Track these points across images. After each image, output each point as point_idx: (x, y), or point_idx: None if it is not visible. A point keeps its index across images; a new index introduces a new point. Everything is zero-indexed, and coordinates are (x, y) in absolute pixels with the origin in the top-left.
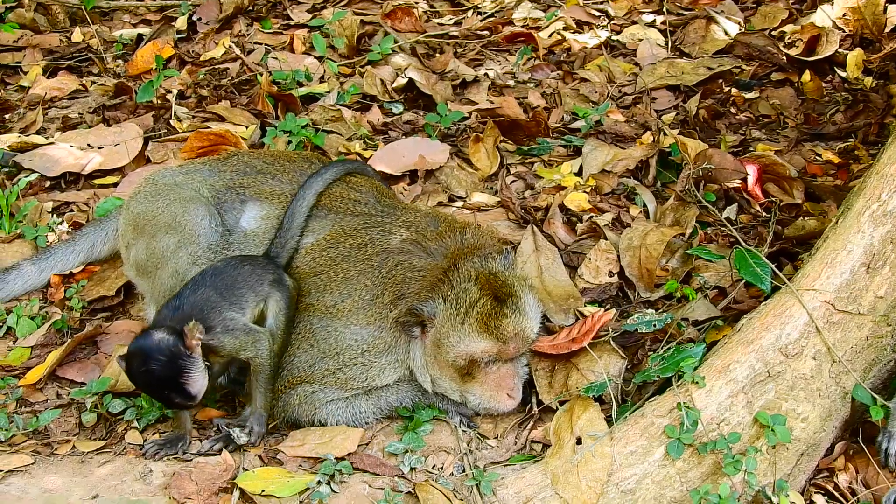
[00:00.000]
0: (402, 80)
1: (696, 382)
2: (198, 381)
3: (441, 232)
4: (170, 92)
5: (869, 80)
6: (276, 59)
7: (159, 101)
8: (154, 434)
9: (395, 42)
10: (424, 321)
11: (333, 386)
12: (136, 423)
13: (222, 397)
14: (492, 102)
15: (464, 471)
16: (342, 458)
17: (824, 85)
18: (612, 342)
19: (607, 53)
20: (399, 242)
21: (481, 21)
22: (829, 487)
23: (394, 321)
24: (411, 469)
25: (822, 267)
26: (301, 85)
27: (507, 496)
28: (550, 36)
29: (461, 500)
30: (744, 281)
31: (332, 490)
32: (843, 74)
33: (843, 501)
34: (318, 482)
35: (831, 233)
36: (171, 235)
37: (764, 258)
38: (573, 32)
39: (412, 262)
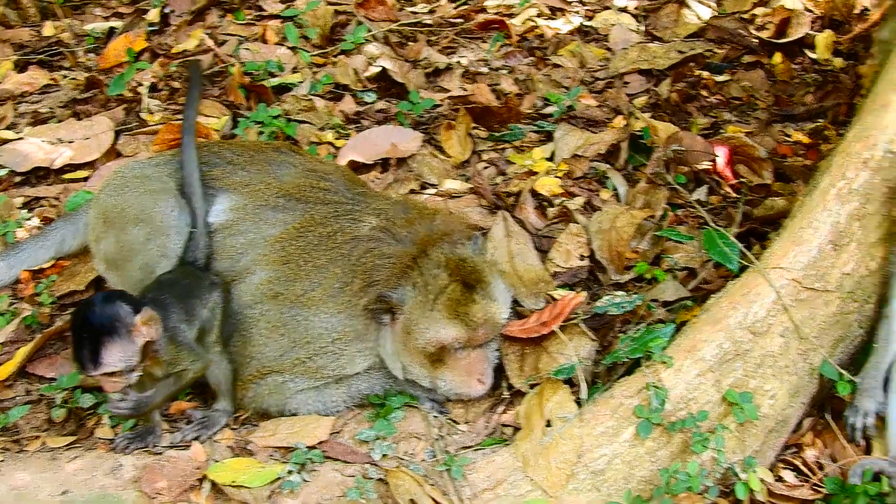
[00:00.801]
0: (374, 69)
1: (665, 362)
2: (115, 356)
3: (411, 219)
4: (141, 85)
5: (839, 62)
6: (249, 49)
7: (131, 95)
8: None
9: (369, 31)
10: (394, 308)
11: (304, 375)
12: (106, 419)
13: (192, 390)
14: (464, 90)
15: (435, 456)
16: (313, 447)
17: (794, 67)
18: (582, 325)
19: (580, 39)
20: (369, 230)
21: (454, 9)
22: (798, 463)
23: (363, 309)
24: (382, 456)
25: (790, 245)
26: (273, 75)
27: (477, 480)
28: (523, 22)
29: (432, 485)
30: (713, 261)
31: (304, 479)
32: (814, 56)
33: (812, 476)
34: (290, 471)
35: (798, 211)
36: (140, 228)
37: (732, 238)
38: (546, 19)
39: (382, 249)
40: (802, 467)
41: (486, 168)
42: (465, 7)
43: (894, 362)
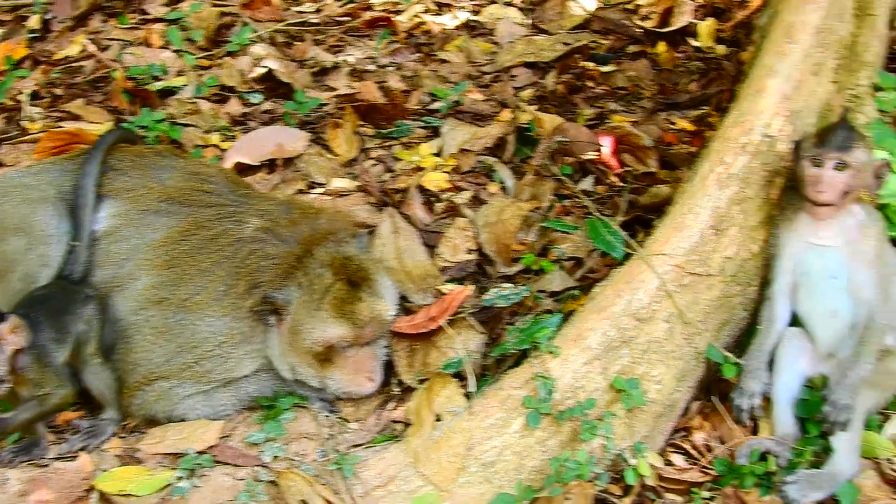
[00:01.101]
0: (260, 70)
1: (552, 352)
2: None
3: (294, 219)
4: (21, 93)
5: (721, 49)
6: (133, 54)
7: (12, 103)
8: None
9: (254, 32)
10: (280, 309)
11: (191, 380)
12: None
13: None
14: (351, 88)
15: (326, 455)
16: (203, 452)
17: (678, 55)
18: (470, 318)
19: (467, 34)
20: (252, 231)
21: (341, 7)
22: (687, 446)
23: (249, 311)
24: (273, 458)
25: (671, 231)
26: (158, 79)
27: (369, 477)
28: (410, 19)
29: (323, 484)
30: (599, 250)
31: (194, 484)
32: (697, 44)
33: (701, 458)
34: (179, 477)
35: (679, 198)
36: (19, 238)
37: (615, 226)
38: (433, 15)
39: (266, 250)
40: (691, 450)
41: (373, 165)
42: (352, 5)
43: (778, 343)
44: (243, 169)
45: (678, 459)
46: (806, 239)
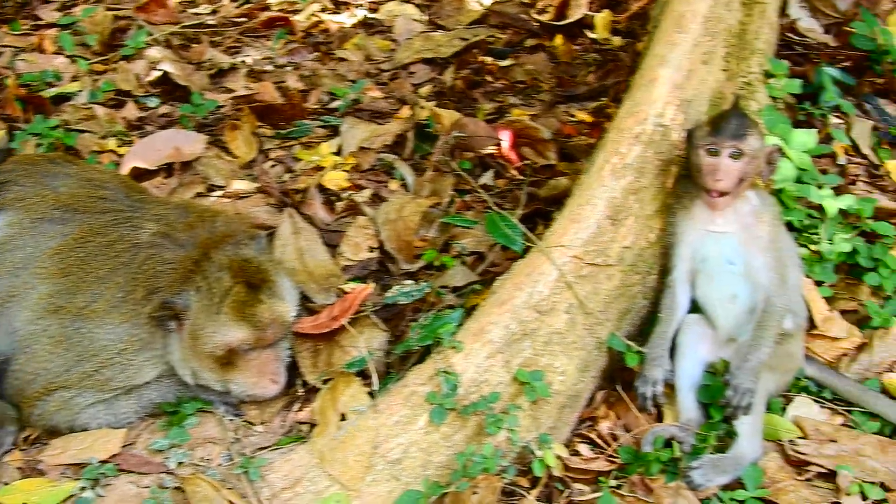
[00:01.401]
0: (157, 74)
1: (455, 347)
2: None
3: (191, 222)
4: None
5: (617, 40)
6: (25, 60)
7: None
8: None
9: (150, 35)
10: (179, 314)
11: (92, 389)
12: None
13: None
14: (249, 89)
15: (231, 460)
16: (106, 461)
17: (575, 48)
18: (372, 316)
19: (364, 32)
20: (149, 236)
21: (237, 8)
22: (593, 436)
23: (148, 317)
24: (178, 464)
25: (569, 223)
26: (51, 85)
27: (276, 480)
28: (307, 18)
29: (230, 489)
30: (501, 244)
31: (98, 494)
32: (593, 36)
33: (606, 447)
34: (82, 488)
35: (577, 189)
36: None
37: (514, 220)
38: (330, 13)
39: (163, 255)
40: (597, 440)
41: (273, 166)
42: (249, 6)
43: (679, 330)
44: (140, 174)
45: (584, 449)
46: (702, 226)
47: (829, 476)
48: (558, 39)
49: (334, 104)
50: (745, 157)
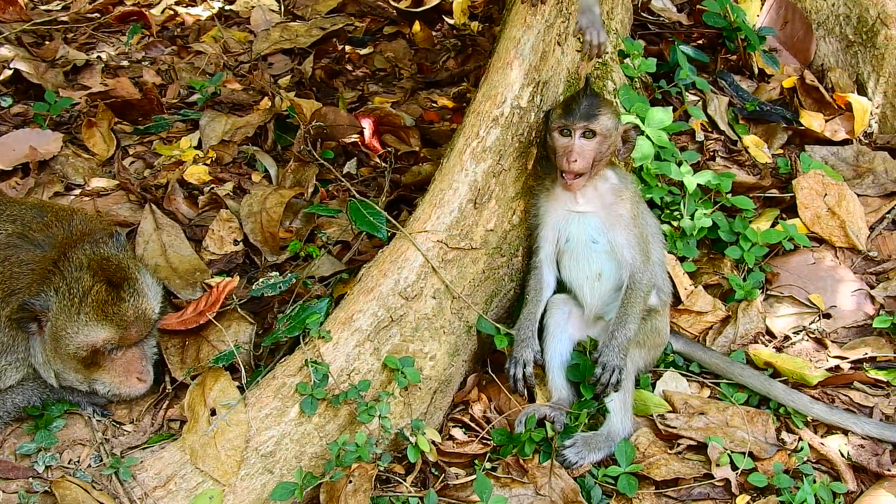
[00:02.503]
0: (8, 72)
1: (323, 337)
2: None
3: (47, 222)
4: None
5: (475, 25)
6: None
7: None
8: None
9: (0, 33)
10: (39, 316)
11: None
12: None
13: None
14: (105, 85)
15: (101, 460)
16: None
17: (435, 33)
18: (239, 310)
19: (221, 24)
20: (4, 238)
21: (90, 3)
22: (466, 419)
23: (8, 320)
24: (46, 467)
25: (432, 208)
26: None
27: (147, 479)
28: (163, 12)
29: (100, 490)
30: (366, 232)
31: None
32: (451, 21)
33: (480, 430)
34: None
35: (438, 174)
36: None
37: (377, 207)
38: (186, 6)
39: (19, 256)
40: (471, 423)
41: (132, 163)
42: (102, 1)
43: (546, 310)
44: None
45: (458, 433)
46: (564, 207)
47: (700, 448)
48: (417, 26)
49: (193, 98)
50: (597, 136)
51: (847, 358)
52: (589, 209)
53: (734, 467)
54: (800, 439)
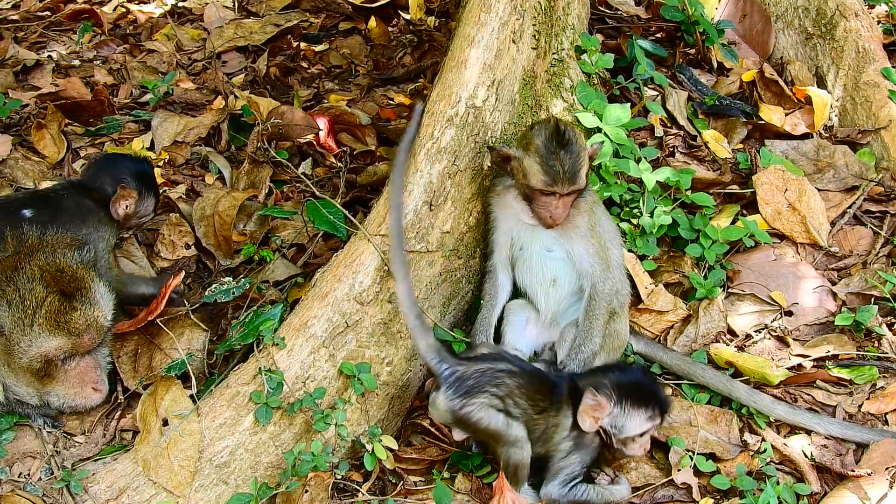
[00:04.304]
0: None
1: (277, 344)
2: None
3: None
4: None
5: (432, 20)
6: None
7: None
8: None
9: None
10: None
11: None
12: None
13: None
14: (56, 85)
15: (52, 473)
16: None
17: (391, 29)
18: (191, 316)
19: (174, 21)
20: None
21: (41, 1)
22: (425, 424)
23: None
24: None
25: (387, 210)
26: None
27: (99, 492)
28: (115, 10)
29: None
30: (321, 234)
31: None
32: (408, 17)
33: (439, 435)
34: None
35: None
36: None
37: (336, 205)
38: (138, 3)
39: None
40: (430, 427)
41: (83, 165)
42: None
43: (503, 316)
44: None
45: (417, 439)
46: (517, 217)
47: (665, 447)
48: (373, 22)
49: (145, 98)
50: (580, 189)
51: (809, 356)
52: None
53: (697, 472)
54: (763, 440)
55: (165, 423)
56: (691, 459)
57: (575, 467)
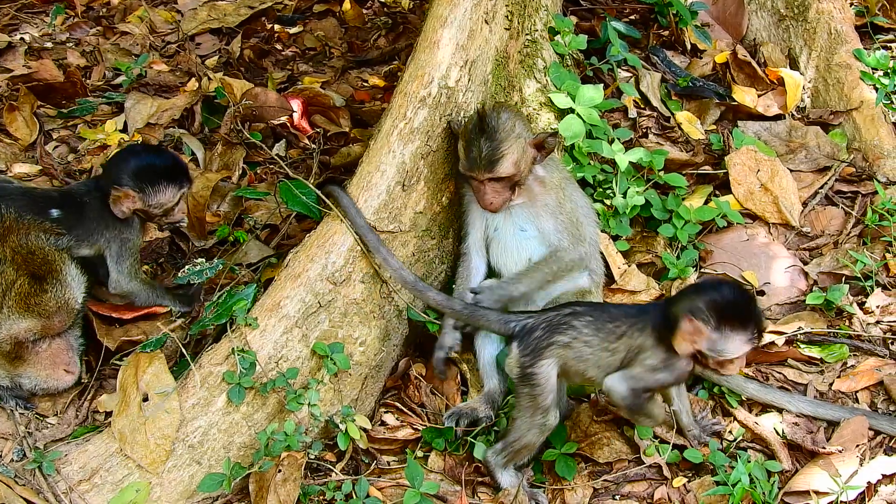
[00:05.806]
0: None
1: (250, 324)
2: None
3: None
4: None
5: (406, 2)
6: None
7: None
8: None
9: None
10: None
11: None
12: None
13: None
14: (28, 67)
15: (24, 454)
16: None
17: (365, 11)
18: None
19: (148, 3)
20: None
21: None
22: (399, 404)
23: None
24: None
25: (361, 191)
26: None
27: (72, 472)
28: None
29: (24, 485)
30: (294, 215)
31: None
32: None
33: (413, 416)
34: None
35: (366, 157)
36: None
37: (310, 185)
38: None
39: None
40: (403, 408)
41: (56, 147)
42: None
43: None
44: None
45: (390, 419)
46: None
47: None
48: (347, 4)
49: (118, 80)
50: (505, 177)
51: (782, 332)
52: (516, 201)
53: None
54: (734, 419)
55: (146, 398)
56: (656, 449)
57: (650, 383)
